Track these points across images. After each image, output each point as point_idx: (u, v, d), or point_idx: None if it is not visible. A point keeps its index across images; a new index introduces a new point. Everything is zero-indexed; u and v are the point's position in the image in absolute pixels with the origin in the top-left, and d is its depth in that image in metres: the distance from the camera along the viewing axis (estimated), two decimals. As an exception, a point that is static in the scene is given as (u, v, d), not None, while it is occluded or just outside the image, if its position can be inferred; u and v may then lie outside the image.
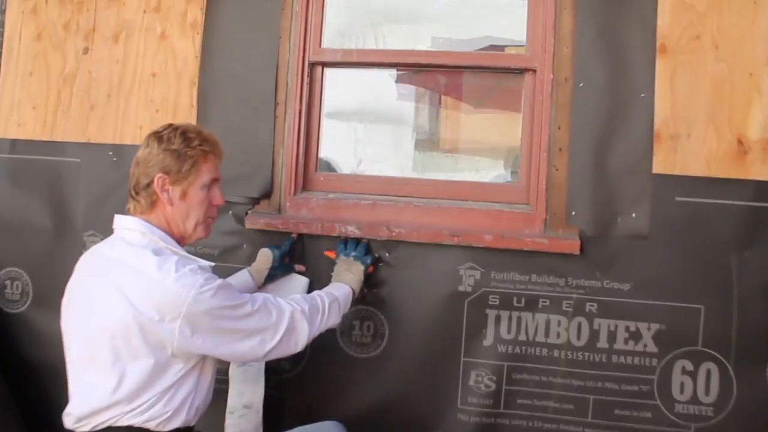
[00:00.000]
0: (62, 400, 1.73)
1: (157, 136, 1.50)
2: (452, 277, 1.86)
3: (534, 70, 1.85)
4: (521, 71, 1.88)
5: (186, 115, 1.98)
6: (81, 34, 2.06)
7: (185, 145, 1.48)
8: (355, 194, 1.95)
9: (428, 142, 2.17)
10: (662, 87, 1.78)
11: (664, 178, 1.77)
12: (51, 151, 2.07)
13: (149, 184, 1.46)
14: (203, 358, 1.46)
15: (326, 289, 1.72)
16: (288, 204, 1.94)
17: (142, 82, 2.02)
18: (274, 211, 1.95)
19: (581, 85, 1.80)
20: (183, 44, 2.01)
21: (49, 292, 2.03)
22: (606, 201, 1.79)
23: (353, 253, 1.84)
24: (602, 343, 1.80)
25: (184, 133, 1.50)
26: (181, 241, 1.52)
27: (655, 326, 1.78)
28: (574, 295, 1.81)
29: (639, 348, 1.79)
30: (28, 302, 2.10)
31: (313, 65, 1.97)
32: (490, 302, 1.85)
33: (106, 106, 2.04)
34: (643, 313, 1.79)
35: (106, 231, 1.97)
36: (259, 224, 1.91)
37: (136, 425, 1.39)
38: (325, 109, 1.99)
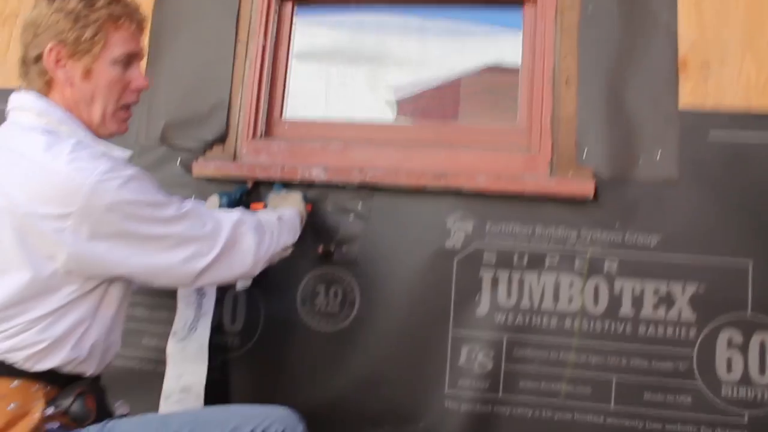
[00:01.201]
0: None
1: None
2: (438, 231, 1.58)
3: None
4: (521, 1, 1.68)
5: (137, 55, 1.81)
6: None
7: (86, 5, 1.16)
8: (324, 140, 1.71)
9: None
10: (686, 10, 1.56)
11: (694, 113, 1.53)
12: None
13: (39, 57, 1.15)
14: (108, 282, 1.15)
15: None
16: (245, 149, 1.70)
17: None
18: (229, 157, 1.70)
19: (590, 8, 1.60)
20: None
21: None
22: (624, 138, 1.54)
23: (284, 190, 1.62)
24: (626, 309, 1.50)
25: None
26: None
27: (691, 287, 1.48)
28: (589, 251, 1.52)
29: (672, 315, 1.48)
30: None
31: (282, 1, 1.79)
32: (484, 261, 1.56)
33: None
34: (675, 271, 1.49)
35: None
36: (208, 170, 1.67)
37: (12, 357, 1.08)
38: (295, 50, 1.81)
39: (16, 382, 1.08)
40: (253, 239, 1.26)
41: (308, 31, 1.81)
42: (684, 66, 1.56)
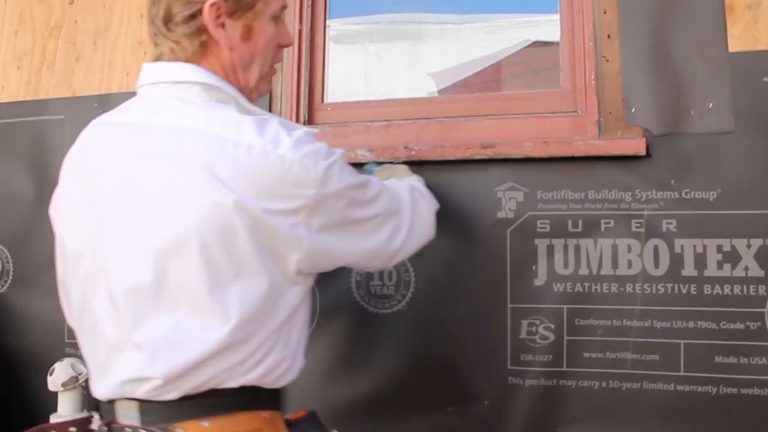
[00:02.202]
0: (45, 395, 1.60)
1: None
2: (489, 202, 1.58)
3: (570, -47, 1.65)
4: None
5: (176, 53, 1.89)
6: (67, -18, 2.02)
7: None
8: (366, 121, 1.73)
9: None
10: (730, -52, 1.53)
11: (745, 56, 1.47)
12: (34, 110, 1.97)
13: (193, 16, 1.02)
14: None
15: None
16: (289, 138, 1.77)
17: (130, 24, 1.92)
18: (274, 147, 1.78)
19: (627, -42, 1.60)
20: (173, -23, 1.94)
21: (32, 270, 1.91)
22: (673, 91, 1.50)
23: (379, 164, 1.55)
24: (689, 270, 1.46)
25: None
26: None
27: (757, 242, 1.43)
28: (646, 212, 1.49)
29: (739, 272, 1.44)
30: (9, 282, 1.95)
31: (315, -18, 1.83)
32: (539, 229, 1.55)
33: (92, 56, 1.95)
34: (738, 226, 1.45)
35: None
36: (255, 161, 1.74)
37: (250, 383, 0.97)
38: (332, 33, 1.85)
39: (266, 414, 1.00)
40: (426, 202, 1.27)
41: (344, 14, 1.87)
42: (731, 8, 1.51)
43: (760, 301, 1.43)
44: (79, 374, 1.74)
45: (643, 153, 1.49)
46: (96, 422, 1.01)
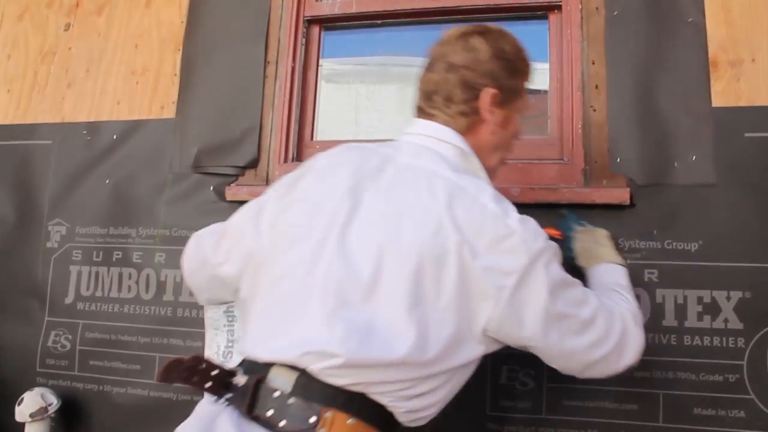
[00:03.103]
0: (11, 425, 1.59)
1: (483, 36, 1.24)
2: (473, 246, 1.65)
3: (558, 7, 1.71)
4: (544, 10, 1.74)
5: (168, 84, 1.91)
6: (64, 10, 2.05)
7: (519, 57, 1.26)
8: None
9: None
10: (714, 8, 1.60)
11: (728, 112, 1.54)
12: (22, 134, 2.00)
13: (472, 99, 1.21)
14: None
15: (604, 279, 1.36)
16: (277, 173, 1.76)
17: (124, 53, 1.97)
18: (261, 181, 1.78)
19: (615, 13, 1.64)
20: (168, 10, 1.96)
21: (8, 295, 1.91)
22: (657, 143, 1.56)
23: (580, 222, 1.52)
24: (669, 320, 1.50)
25: (514, 40, 1.28)
26: None
27: (736, 295, 1.47)
28: (628, 261, 1.49)
29: (719, 324, 1.47)
30: (-17, 307, 1.93)
31: (309, 22, 1.89)
32: None
33: (84, 83, 1.98)
34: (719, 278, 1.48)
35: (74, 220, 1.90)
36: (242, 195, 1.72)
37: (391, 407, 1.04)
38: (324, 72, 1.91)
39: None
40: (639, 336, 1.22)
41: (336, 54, 1.92)
42: (715, 65, 1.58)
43: (738, 353, 1.46)
44: (49, 405, 1.72)
45: (627, 202, 1.54)
46: (240, 377, 1.08)
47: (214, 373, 1.08)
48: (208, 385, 1.07)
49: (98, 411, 1.78)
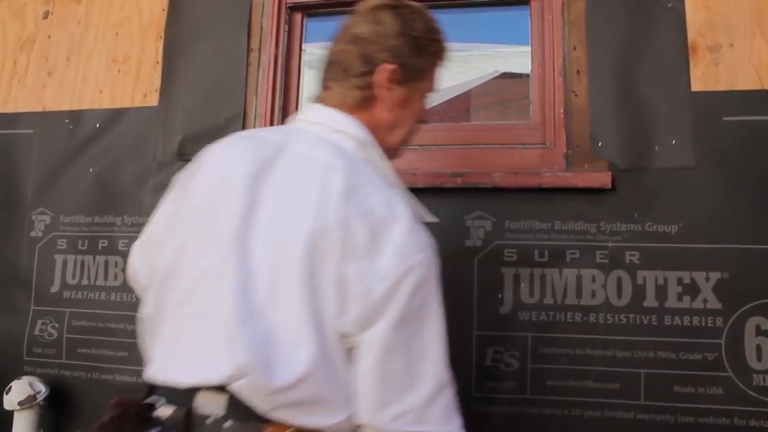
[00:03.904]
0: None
1: (394, 10, 1.19)
2: (458, 231, 1.65)
3: (541, -7, 1.74)
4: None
5: (151, 72, 1.91)
6: (42, -3, 2.06)
7: (429, 37, 1.22)
8: (340, 146, 1.82)
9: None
10: (692, -7, 1.64)
11: (707, 96, 1.59)
12: (2, 123, 1.99)
13: (368, 73, 1.16)
14: None
15: None
16: (262, 159, 1.82)
17: (105, 41, 1.97)
18: (246, 168, 1.83)
19: (596, -2, 1.69)
20: (149, -3, 1.98)
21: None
22: (638, 127, 1.60)
23: None
24: (650, 301, 1.54)
25: (428, 20, 1.23)
26: None
27: (715, 275, 1.52)
28: (610, 243, 1.58)
29: (698, 305, 1.52)
30: (-33, 298, 1.95)
31: (292, 9, 1.90)
32: (505, 258, 1.62)
33: (64, 71, 1.98)
34: (698, 260, 1.54)
35: (57, 209, 1.91)
36: (227, 182, 1.79)
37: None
38: (307, 57, 1.93)
39: None
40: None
41: (320, 39, 1.93)
42: (694, 50, 1.63)
43: (717, 332, 1.51)
44: (38, 393, 1.75)
45: (609, 186, 1.58)
46: (164, 408, 1.02)
47: (134, 411, 1.03)
48: (131, 426, 1.02)
49: (87, 398, 1.81)
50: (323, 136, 1.14)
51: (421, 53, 1.21)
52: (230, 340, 0.97)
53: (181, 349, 1.04)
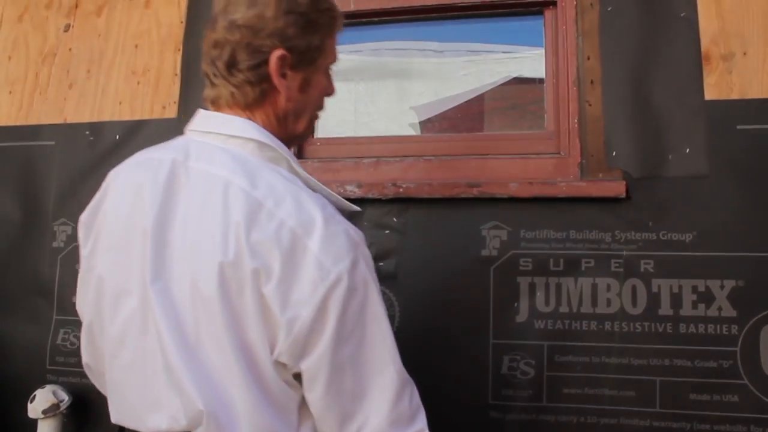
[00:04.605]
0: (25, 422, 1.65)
1: None
2: (473, 240, 1.68)
3: (554, 3, 1.76)
4: (539, 6, 1.80)
5: (169, 84, 1.95)
6: (63, 11, 2.09)
7: (314, 7, 1.08)
8: (356, 157, 1.83)
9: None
10: (705, 3, 1.66)
11: (720, 105, 1.61)
12: (25, 135, 2.04)
13: (260, 65, 1.04)
14: None
15: None
16: (280, 170, 1.86)
17: (125, 54, 2.01)
18: (265, 179, 1.86)
19: (609, 9, 1.70)
20: (168, 11, 2.01)
21: (16, 294, 1.96)
22: (652, 136, 1.63)
23: None
24: (665, 309, 1.57)
25: None
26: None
27: (730, 283, 1.55)
28: (624, 252, 1.61)
29: (712, 312, 1.55)
30: (-8, 308, 2.00)
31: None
32: (521, 267, 1.65)
33: (85, 84, 2.03)
34: (712, 268, 1.56)
35: (78, 219, 1.98)
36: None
37: None
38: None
39: None
40: None
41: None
42: (707, 59, 1.65)
43: (732, 340, 1.53)
44: (61, 401, 1.79)
45: (623, 195, 1.60)
46: None
47: None
48: None
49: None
50: (218, 145, 1.05)
51: (311, 29, 1.08)
52: (178, 386, 0.94)
53: (128, 401, 1.02)
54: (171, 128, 1.94)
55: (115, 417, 1.06)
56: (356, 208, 1.16)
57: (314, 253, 0.93)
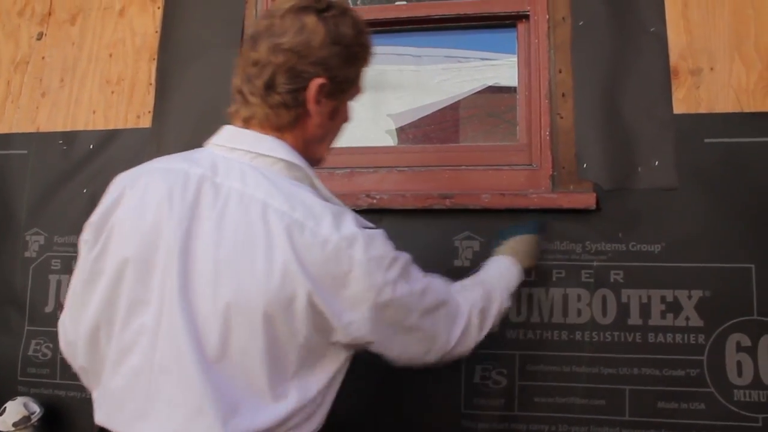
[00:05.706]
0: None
1: (319, 14, 1.10)
2: (446, 251, 1.72)
3: (527, 16, 1.82)
4: (512, 20, 1.85)
5: (144, 94, 1.97)
6: (36, 19, 2.10)
7: (358, 42, 1.14)
8: (330, 168, 1.85)
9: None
10: (674, 18, 1.71)
11: (688, 118, 1.67)
12: (-4, 144, 2.05)
13: (298, 90, 1.08)
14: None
15: (492, 272, 1.43)
16: (255, 181, 1.88)
17: (99, 63, 2.03)
18: (240, 189, 1.89)
19: (581, 23, 1.75)
20: (142, 20, 2.03)
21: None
22: (622, 149, 1.68)
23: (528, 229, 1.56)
24: (634, 319, 1.62)
25: (355, 22, 1.14)
26: None
27: (697, 294, 1.60)
28: (595, 263, 1.65)
29: (680, 322, 1.60)
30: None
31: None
32: None
33: (58, 92, 2.04)
34: (680, 278, 1.61)
35: (51, 229, 1.97)
36: (220, 203, 1.85)
37: None
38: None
39: None
40: (474, 337, 1.25)
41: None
42: (676, 73, 1.71)
43: (699, 349, 1.58)
44: (32, 413, 1.80)
45: (594, 207, 1.65)
46: None
47: None
48: None
49: (81, 418, 1.85)
50: (249, 163, 1.08)
51: (351, 62, 1.14)
52: (194, 394, 0.97)
53: (125, 409, 1.03)
54: (145, 138, 1.97)
55: (102, 419, 1.07)
56: (372, 225, 1.15)
57: (360, 261, 1.01)
